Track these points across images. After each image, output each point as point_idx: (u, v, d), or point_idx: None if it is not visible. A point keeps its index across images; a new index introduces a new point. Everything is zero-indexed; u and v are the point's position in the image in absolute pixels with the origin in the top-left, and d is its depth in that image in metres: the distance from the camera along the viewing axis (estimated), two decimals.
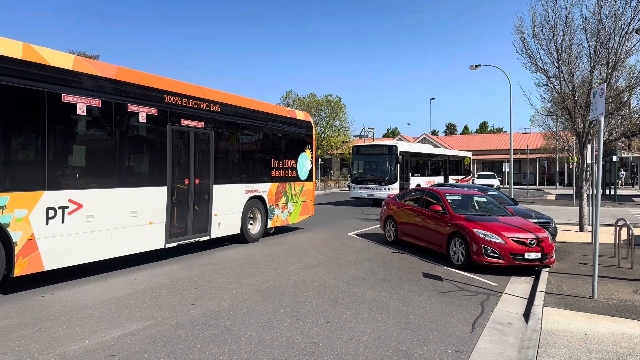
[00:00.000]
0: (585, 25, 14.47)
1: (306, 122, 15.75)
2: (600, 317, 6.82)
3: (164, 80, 10.16)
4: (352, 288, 8.35)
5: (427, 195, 12.63)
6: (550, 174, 55.41)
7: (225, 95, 12.05)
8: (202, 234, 11.02)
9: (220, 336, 5.77)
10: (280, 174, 13.98)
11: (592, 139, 15.07)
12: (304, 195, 15.33)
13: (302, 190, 15.23)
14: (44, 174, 7.52)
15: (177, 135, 10.31)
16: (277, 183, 13.81)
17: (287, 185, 14.31)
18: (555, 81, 15.30)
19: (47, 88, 7.56)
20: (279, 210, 13.95)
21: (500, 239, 9.94)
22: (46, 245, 7.55)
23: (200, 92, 11.06)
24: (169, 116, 10.01)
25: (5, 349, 5.21)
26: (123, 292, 7.70)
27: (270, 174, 13.55)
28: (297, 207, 14.97)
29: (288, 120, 14.67)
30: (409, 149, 27.92)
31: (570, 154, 32.03)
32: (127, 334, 5.77)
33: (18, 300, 7.10)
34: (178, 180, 10.27)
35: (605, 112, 7.94)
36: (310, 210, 15.91)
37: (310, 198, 15.82)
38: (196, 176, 10.77)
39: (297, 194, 14.90)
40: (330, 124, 54.31)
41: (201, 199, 10.94)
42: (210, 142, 11.20)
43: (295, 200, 14.77)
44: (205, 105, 11.06)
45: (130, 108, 9.10)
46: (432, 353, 5.51)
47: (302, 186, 15.23)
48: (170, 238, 10.11)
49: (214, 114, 11.32)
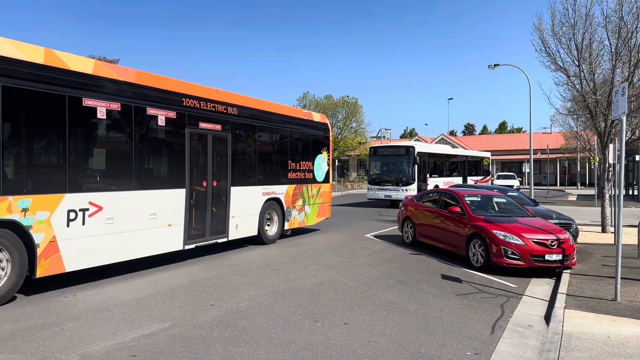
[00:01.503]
0: (607, 22, 14.25)
1: (323, 124, 15.71)
2: (623, 319, 6.70)
3: (182, 83, 10.27)
4: (369, 290, 8.33)
5: (445, 196, 12.55)
6: (571, 174, 54.61)
7: (242, 97, 12.09)
8: (219, 236, 11.09)
9: (239, 337, 5.81)
10: (297, 176, 14.01)
11: (614, 138, 14.82)
12: (320, 197, 15.30)
13: (319, 192, 15.21)
14: (65, 177, 7.62)
15: (195, 138, 10.37)
16: (294, 185, 13.83)
17: (303, 187, 14.31)
18: (576, 80, 15.08)
19: (68, 92, 7.68)
20: (296, 212, 13.98)
21: (520, 241, 9.83)
22: (67, 247, 7.66)
23: (218, 95, 11.15)
24: (187, 119, 10.10)
25: (29, 348, 5.32)
26: (143, 293, 7.79)
27: (287, 176, 13.57)
28: (314, 209, 14.96)
29: (304, 122, 14.64)
30: (426, 150, 27.76)
31: (591, 154, 31.54)
32: (147, 334, 5.84)
33: (42, 301, 7.24)
34: (196, 183, 10.35)
35: (627, 111, 7.81)
36: (327, 212, 15.87)
37: (327, 200, 15.79)
38: (214, 178, 10.83)
39: (314, 196, 14.89)
40: (347, 125, 54.33)
41: (219, 201, 11.00)
42: (228, 144, 11.27)
43: (312, 202, 14.79)
44: (222, 108, 11.12)
45: (150, 111, 9.21)
46: (452, 355, 5.47)
47: (319, 188, 15.21)
48: (189, 240, 10.18)
49: (231, 116, 11.39)
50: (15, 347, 5.37)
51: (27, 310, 6.76)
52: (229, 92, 11.70)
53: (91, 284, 8.30)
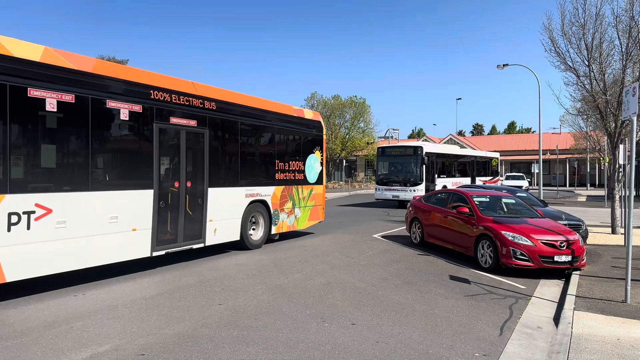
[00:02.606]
0: (617, 22, 14.12)
1: (315, 122, 14.87)
2: (633, 321, 6.64)
3: (151, 75, 9.43)
4: (377, 290, 8.32)
5: (453, 197, 12.51)
6: (580, 175, 54.23)
7: (222, 92, 11.23)
8: (195, 241, 10.20)
9: (247, 337, 5.82)
10: (286, 177, 13.22)
11: (624, 138, 14.70)
12: (313, 199, 14.48)
13: (311, 194, 14.38)
14: (5, 176, 6.84)
15: (166, 135, 9.56)
16: (283, 186, 13.05)
17: (293, 189, 13.51)
18: (586, 80, 14.96)
19: (10, 81, 6.90)
20: (285, 216, 13.17)
21: (529, 242, 9.78)
22: (8, 254, 6.88)
23: (193, 88, 10.28)
24: (156, 113, 9.25)
25: (39, 347, 5.37)
26: (152, 292, 7.84)
27: (275, 176, 12.76)
28: (306, 212, 14.16)
29: (295, 119, 13.79)
30: (434, 150, 27.68)
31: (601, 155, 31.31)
32: (156, 333, 5.87)
33: (51, 299, 7.30)
34: (166, 183, 9.55)
35: (638, 112, 7.74)
36: (321, 216, 15.05)
37: (320, 202, 14.96)
38: (188, 179, 10.00)
39: (306, 198, 14.09)
40: (354, 125, 54.22)
41: (194, 203, 10.15)
42: (205, 142, 10.43)
43: (303, 205, 13.98)
44: (198, 102, 10.26)
45: (110, 104, 8.37)
46: (460, 356, 5.45)
47: (311, 190, 14.40)
48: (158, 246, 9.30)
49: (209, 111, 10.53)
50: (24, 345, 5.42)
51: (37, 309, 6.82)
52: (207, 85, 10.86)
53: (100, 283, 8.35)
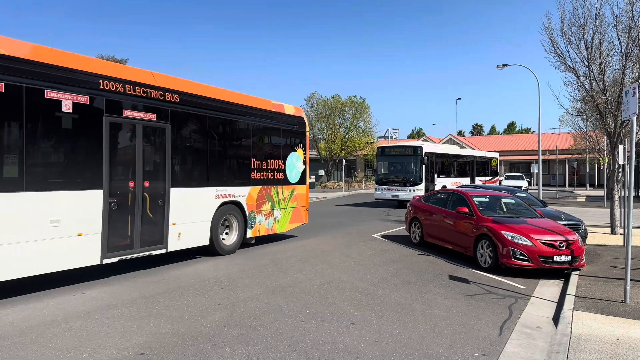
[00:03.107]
0: (617, 22, 14.13)
1: (297, 118, 13.91)
2: (633, 321, 6.65)
3: (100, 63, 8.56)
4: (377, 290, 8.32)
5: (453, 197, 12.51)
6: (580, 175, 54.24)
7: (188, 83, 10.34)
8: (155, 247, 9.27)
9: (246, 336, 5.82)
10: (264, 177, 12.32)
11: (623, 139, 14.70)
12: (294, 200, 13.58)
13: (293, 194, 13.48)
14: None
15: (119, 129, 8.68)
16: (260, 187, 12.14)
17: (272, 189, 12.61)
18: (585, 80, 14.97)
19: None
20: (262, 218, 12.27)
21: (529, 242, 9.78)
22: None
23: (153, 79, 9.37)
24: (106, 105, 8.33)
25: (38, 346, 5.37)
26: (151, 291, 7.83)
27: (250, 176, 11.85)
28: (286, 214, 13.26)
29: (274, 115, 12.84)
30: (434, 150, 27.68)
31: (600, 155, 31.31)
32: (155, 332, 5.87)
33: (50, 298, 7.29)
34: (119, 183, 8.62)
35: (637, 112, 7.75)
36: (304, 218, 14.15)
37: (302, 203, 14.05)
38: (145, 178, 9.06)
39: (286, 199, 13.21)
40: (354, 125, 54.25)
41: (154, 205, 9.22)
42: (166, 138, 9.50)
43: (283, 206, 13.09)
44: (158, 94, 9.32)
45: (50, 95, 7.50)
46: (459, 356, 5.45)
47: (293, 190, 13.50)
48: (110, 252, 8.40)
49: (172, 104, 9.60)
50: (24, 344, 5.42)
51: (37, 308, 6.82)
52: (170, 76, 9.94)
53: (100, 282, 8.35)
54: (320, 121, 54.30)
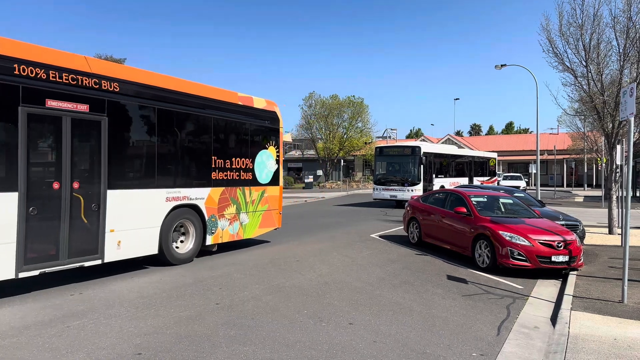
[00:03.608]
0: (615, 23, 14.15)
1: (269, 113, 12.65)
2: (630, 321, 6.66)
3: (16, 44, 7.28)
4: (375, 290, 8.32)
5: (451, 197, 12.52)
6: (578, 175, 54.33)
7: (133, 71, 9.16)
8: (87, 257, 8.06)
9: (244, 336, 5.81)
10: (227, 177, 11.13)
11: (621, 139, 14.72)
12: (265, 202, 12.42)
13: (263, 196, 12.33)
14: None
15: (39, 122, 7.52)
16: (222, 188, 10.96)
17: (238, 191, 11.43)
18: (583, 80, 14.99)
19: None
20: (226, 223, 11.08)
21: (527, 242, 9.79)
22: None
23: (86, 65, 8.15)
24: (23, 94, 7.17)
25: (36, 346, 5.35)
26: (149, 291, 7.82)
27: (211, 176, 10.67)
28: (255, 218, 12.10)
29: (240, 108, 11.61)
30: (432, 150, 27.68)
31: (598, 155, 31.36)
32: (153, 332, 5.86)
33: (48, 298, 7.27)
34: (40, 184, 7.53)
35: (635, 112, 7.76)
36: (276, 222, 13.01)
37: (275, 206, 12.86)
38: (75, 178, 7.88)
39: (255, 202, 12.05)
40: (352, 125, 54.25)
41: (86, 210, 8.01)
42: (102, 132, 8.28)
43: (252, 210, 11.91)
44: (91, 82, 8.09)
45: None
46: (457, 356, 5.45)
47: (263, 192, 12.32)
48: (27, 264, 7.23)
49: (110, 94, 8.39)
50: (21, 344, 5.40)
51: (34, 307, 6.80)
52: (109, 62, 8.88)
53: (97, 282, 8.33)
54: (319, 121, 54.32)
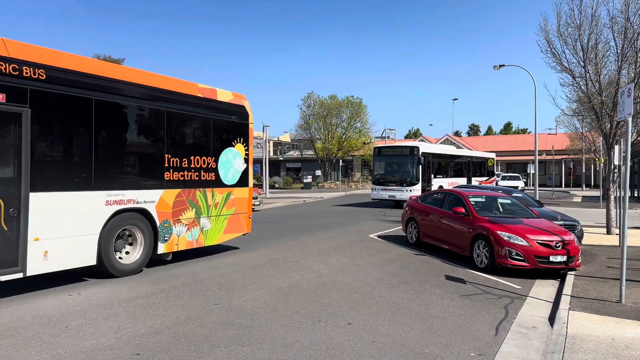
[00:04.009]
0: (613, 23, 14.18)
1: (237, 107, 11.49)
2: (628, 321, 6.68)
3: None
4: (373, 290, 8.33)
5: (449, 197, 12.53)
6: (576, 176, 54.41)
7: (65, 56, 8.00)
8: (4, 270, 7.05)
9: (242, 336, 5.82)
10: (185, 177, 10.01)
11: (619, 139, 14.75)
12: (231, 205, 11.25)
13: (228, 199, 11.15)
14: None
15: None
16: (178, 190, 9.82)
17: (198, 193, 10.29)
18: (581, 81, 15.02)
19: None
20: (182, 228, 9.94)
21: (525, 242, 9.81)
22: None
23: (4, 48, 7.05)
24: None
25: (34, 346, 5.35)
26: (148, 291, 7.82)
27: (163, 177, 9.52)
28: (220, 223, 10.93)
29: (200, 102, 10.49)
30: (431, 150, 27.70)
31: (596, 155, 31.41)
32: (151, 332, 5.86)
33: (46, 299, 7.27)
34: None
35: (633, 113, 7.78)
36: (245, 227, 11.84)
37: (243, 210, 11.70)
38: None
39: (220, 205, 10.89)
40: (351, 125, 54.29)
41: (3, 216, 7.02)
42: (23, 126, 7.22)
43: (215, 214, 10.77)
44: (9, 67, 7.06)
45: None
46: (455, 356, 5.46)
47: (229, 194, 11.17)
48: None
49: (33, 82, 7.34)
50: (20, 344, 5.40)
51: (32, 308, 6.79)
52: (34, 45, 7.61)
53: (95, 282, 8.33)
54: (317, 121, 54.34)
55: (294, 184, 53.08)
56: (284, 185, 52.19)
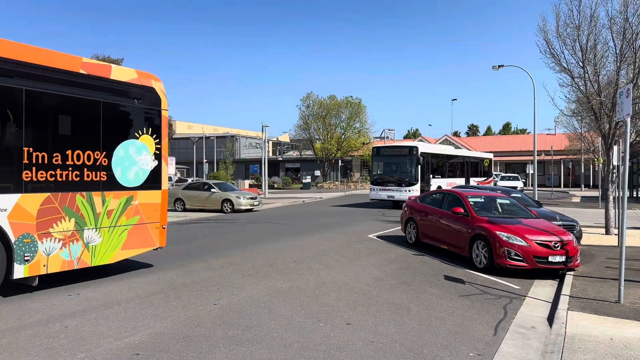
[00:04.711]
0: (611, 24, 14.20)
1: (142, 88, 9.24)
2: (626, 321, 6.69)
3: None
4: (372, 290, 8.33)
5: (448, 197, 12.54)
6: (575, 176, 54.46)
7: None
8: None
9: (242, 336, 5.82)
10: (57, 177, 7.81)
11: (618, 140, 14.77)
12: (134, 213, 8.96)
13: (129, 205, 8.86)
14: None
15: None
16: (47, 194, 7.65)
17: (79, 198, 8.08)
18: (580, 81, 15.03)
19: None
20: (55, 245, 7.74)
21: (524, 242, 9.82)
22: None
23: None
24: None
25: (33, 346, 5.35)
26: (147, 291, 7.82)
27: (20, 176, 7.34)
28: (116, 236, 8.64)
29: (81, 79, 8.27)
30: (429, 150, 27.70)
31: (595, 156, 31.43)
32: (151, 332, 5.86)
33: (45, 299, 7.27)
34: None
35: (632, 113, 7.79)
36: (156, 239, 9.44)
37: (153, 218, 9.34)
38: None
39: (115, 213, 8.61)
40: (350, 125, 54.33)
41: None
42: None
43: (106, 224, 8.47)
44: None
45: None
46: (454, 356, 5.47)
47: (129, 198, 8.87)
48: None
49: None
50: (19, 345, 5.40)
51: (32, 308, 6.79)
52: None
53: (95, 282, 8.33)
54: (317, 121, 54.39)
55: (293, 184, 53.11)
56: (283, 185, 52.21)
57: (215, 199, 24.02)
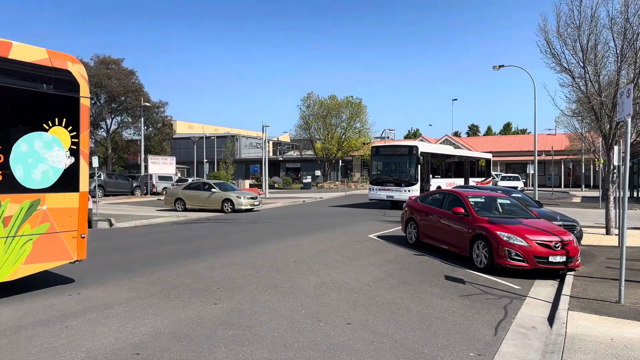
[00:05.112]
0: (612, 24, 14.19)
1: (53, 71, 7.64)
2: (627, 322, 6.69)
3: None
4: (373, 290, 8.33)
5: (449, 197, 12.54)
6: (575, 176, 54.45)
7: None
8: None
9: (242, 336, 5.82)
10: None
11: (619, 140, 14.76)
12: (42, 220, 7.46)
13: (35, 211, 7.36)
14: None
15: None
16: None
17: None
18: (581, 81, 15.02)
19: None
20: None
21: (524, 242, 9.82)
22: None
23: None
24: None
25: (34, 346, 5.36)
26: (147, 291, 7.82)
27: None
28: (16, 248, 7.13)
29: None
30: (429, 150, 27.63)
31: (596, 156, 31.42)
32: (151, 332, 5.87)
33: (45, 299, 7.27)
34: None
35: (632, 113, 7.79)
36: (72, 251, 7.87)
37: (68, 226, 7.81)
38: None
39: (15, 220, 7.10)
40: (350, 125, 54.35)
41: None
42: None
43: (4, 234, 7.00)
44: None
45: None
46: (455, 356, 5.47)
47: (35, 203, 7.37)
48: None
49: None
50: (20, 344, 5.41)
51: (32, 307, 6.80)
52: None
53: (95, 282, 8.33)
54: (317, 121, 54.40)
55: (294, 184, 53.11)
56: (283, 185, 52.22)
57: (215, 198, 24.02)
